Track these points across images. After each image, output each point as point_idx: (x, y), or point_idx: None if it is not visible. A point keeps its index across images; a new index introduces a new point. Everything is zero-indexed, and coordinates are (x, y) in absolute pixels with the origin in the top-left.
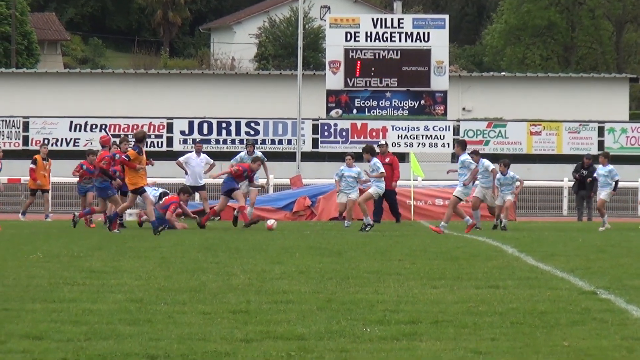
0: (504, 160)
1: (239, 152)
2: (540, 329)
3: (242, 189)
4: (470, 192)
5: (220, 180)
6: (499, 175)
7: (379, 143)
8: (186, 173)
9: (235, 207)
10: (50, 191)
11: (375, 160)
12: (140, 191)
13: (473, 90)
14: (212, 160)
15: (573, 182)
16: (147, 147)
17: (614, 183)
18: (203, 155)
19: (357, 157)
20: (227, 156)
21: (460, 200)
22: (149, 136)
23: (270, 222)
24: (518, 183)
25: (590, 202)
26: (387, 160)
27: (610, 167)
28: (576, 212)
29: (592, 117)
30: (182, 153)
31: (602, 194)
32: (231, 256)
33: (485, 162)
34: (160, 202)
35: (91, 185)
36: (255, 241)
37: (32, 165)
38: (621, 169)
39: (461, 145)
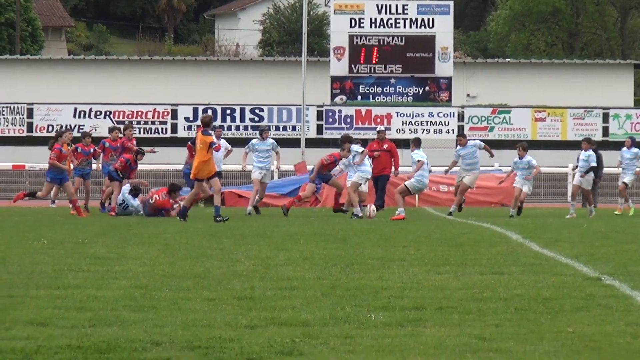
0: (522, 143)
1: (244, 139)
2: (545, 315)
3: (263, 178)
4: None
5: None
6: (515, 158)
7: (378, 129)
8: None
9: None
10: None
11: (353, 145)
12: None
13: (477, 77)
14: (229, 146)
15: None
16: (150, 133)
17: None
18: (222, 141)
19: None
20: (231, 143)
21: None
22: (153, 122)
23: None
24: (534, 170)
25: (596, 188)
26: (385, 146)
27: (590, 152)
28: (581, 199)
29: (596, 104)
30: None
31: (577, 179)
32: (236, 242)
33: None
34: (151, 202)
35: (88, 168)
36: (260, 227)
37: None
38: None
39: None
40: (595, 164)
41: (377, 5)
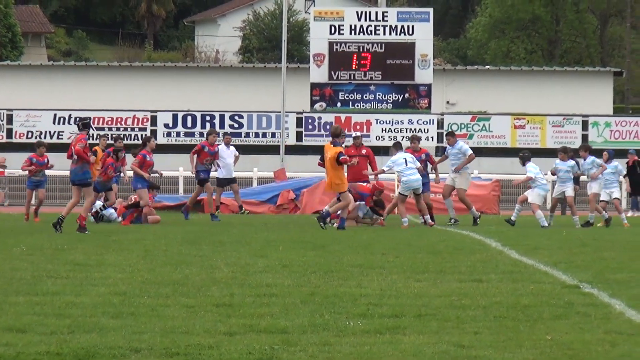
0: (585, 144)
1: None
2: (524, 323)
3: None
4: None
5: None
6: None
7: (353, 135)
8: (219, 166)
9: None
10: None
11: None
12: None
13: (457, 84)
14: (237, 153)
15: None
16: (130, 140)
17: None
18: (232, 147)
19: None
20: None
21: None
22: (133, 129)
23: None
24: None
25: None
26: (363, 152)
27: (571, 161)
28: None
29: (576, 111)
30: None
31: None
32: (215, 249)
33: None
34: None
35: (42, 179)
36: (239, 234)
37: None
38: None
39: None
40: (577, 172)
41: (357, 12)
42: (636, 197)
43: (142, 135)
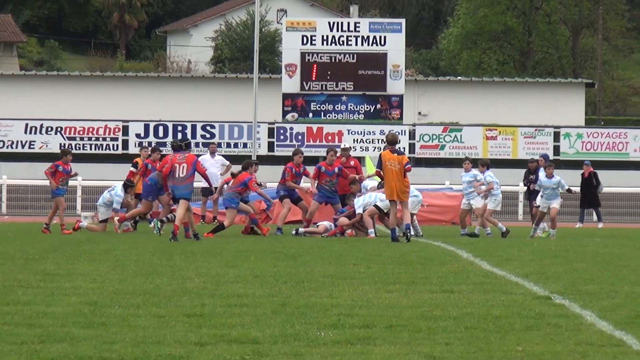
0: (484, 160)
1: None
2: (495, 334)
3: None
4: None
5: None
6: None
7: (342, 147)
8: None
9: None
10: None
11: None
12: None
13: (429, 95)
14: (227, 162)
15: (525, 189)
16: (101, 150)
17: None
18: (218, 157)
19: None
20: None
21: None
22: (104, 139)
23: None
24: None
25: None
26: (351, 163)
27: (558, 177)
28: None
29: (548, 122)
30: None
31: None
32: (186, 260)
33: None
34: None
35: (65, 188)
36: (210, 245)
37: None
38: (577, 174)
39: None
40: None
41: (329, 23)
42: (584, 209)
43: (114, 145)
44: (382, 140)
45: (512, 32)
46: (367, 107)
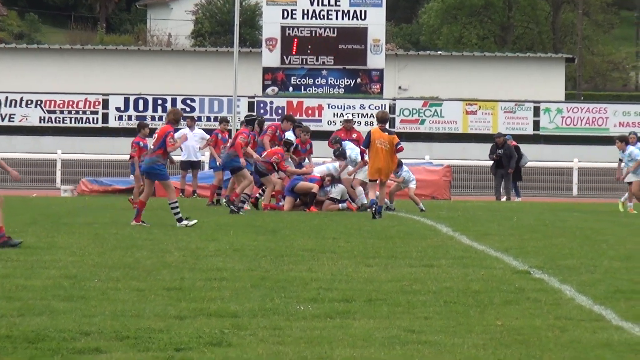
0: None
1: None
2: (474, 308)
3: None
4: None
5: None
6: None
7: (345, 118)
8: (181, 149)
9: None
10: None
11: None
12: None
13: (409, 69)
14: (207, 136)
15: (491, 164)
16: (81, 123)
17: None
18: (198, 130)
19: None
20: None
21: None
22: (84, 112)
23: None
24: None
25: (508, 182)
26: (354, 136)
27: (632, 148)
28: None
29: (528, 97)
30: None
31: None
32: (166, 233)
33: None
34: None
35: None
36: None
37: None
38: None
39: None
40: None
41: None
42: (515, 182)
43: (94, 119)
44: (362, 114)
45: (492, 6)
46: (347, 82)
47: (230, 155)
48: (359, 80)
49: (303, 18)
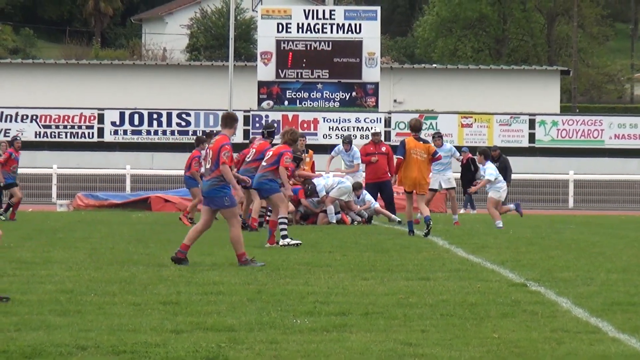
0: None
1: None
2: (471, 321)
3: None
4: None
5: None
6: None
7: (373, 131)
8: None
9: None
10: None
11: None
12: None
13: (404, 82)
14: None
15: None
16: (77, 138)
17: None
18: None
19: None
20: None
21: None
22: (80, 127)
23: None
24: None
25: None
26: (383, 149)
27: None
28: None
29: (523, 110)
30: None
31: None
32: (162, 247)
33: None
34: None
35: None
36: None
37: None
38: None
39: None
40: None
41: (305, 11)
42: (470, 195)
43: (89, 133)
44: (358, 128)
45: (487, 19)
46: (342, 95)
47: (265, 176)
48: (354, 93)
49: (298, 32)
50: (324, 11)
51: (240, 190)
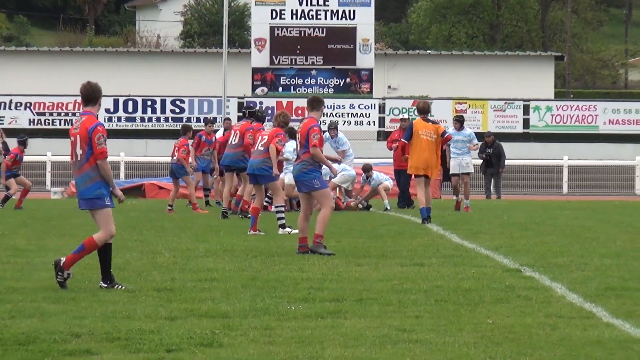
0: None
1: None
2: (465, 307)
3: None
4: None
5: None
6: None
7: (402, 117)
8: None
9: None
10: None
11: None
12: None
13: (399, 68)
14: None
15: (480, 162)
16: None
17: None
18: None
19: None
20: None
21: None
22: (74, 114)
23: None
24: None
25: (498, 180)
26: None
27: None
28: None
29: (517, 95)
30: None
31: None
32: (156, 234)
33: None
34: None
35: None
36: (181, 220)
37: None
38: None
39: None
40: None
41: None
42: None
43: None
44: (352, 114)
45: (481, 5)
46: (336, 81)
47: (237, 155)
48: (348, 80)
49: (292, 18)
50: None
51: (334, 170)
